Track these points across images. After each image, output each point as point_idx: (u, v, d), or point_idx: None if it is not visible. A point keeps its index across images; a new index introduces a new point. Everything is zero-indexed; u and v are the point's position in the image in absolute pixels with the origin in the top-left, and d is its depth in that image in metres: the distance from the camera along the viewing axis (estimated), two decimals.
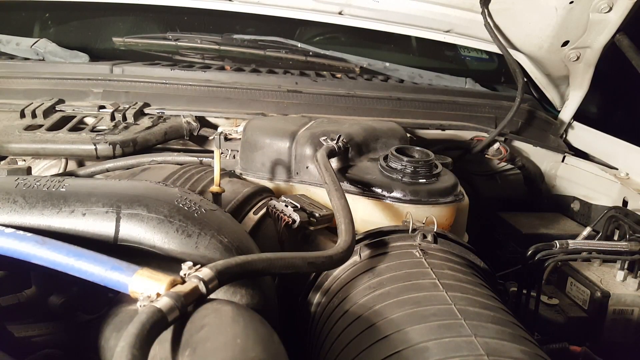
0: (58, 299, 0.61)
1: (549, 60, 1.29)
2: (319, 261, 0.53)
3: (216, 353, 0.36)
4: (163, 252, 0.50)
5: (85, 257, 0.43)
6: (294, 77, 1.31)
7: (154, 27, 1.65)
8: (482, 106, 1.33)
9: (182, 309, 0.39)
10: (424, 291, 0.55)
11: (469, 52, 1.62)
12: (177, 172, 0.85)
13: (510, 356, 0.45)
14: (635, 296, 0.81)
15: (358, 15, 1.35)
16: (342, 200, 0.67)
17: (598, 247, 0.85)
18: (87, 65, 1.32)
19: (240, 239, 0.56)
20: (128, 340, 0.34)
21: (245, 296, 0.51)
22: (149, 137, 1.04)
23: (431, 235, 0.67)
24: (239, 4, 1.34)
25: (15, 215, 0.51)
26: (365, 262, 0.64)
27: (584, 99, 1.32)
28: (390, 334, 0.49)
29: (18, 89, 1.19)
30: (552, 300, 0.85)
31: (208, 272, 0.42)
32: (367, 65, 1.47)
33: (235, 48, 1.49)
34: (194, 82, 1.22)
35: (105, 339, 0.53)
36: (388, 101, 1.28)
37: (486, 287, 0.61)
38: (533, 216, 1.16)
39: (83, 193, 0.53)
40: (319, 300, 0.66)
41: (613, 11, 1.11)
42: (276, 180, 0.89)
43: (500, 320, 0.52)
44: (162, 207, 0.52)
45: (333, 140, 0.85)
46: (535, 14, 1.19)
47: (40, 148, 0.99)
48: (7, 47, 1.39)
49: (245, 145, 0.93)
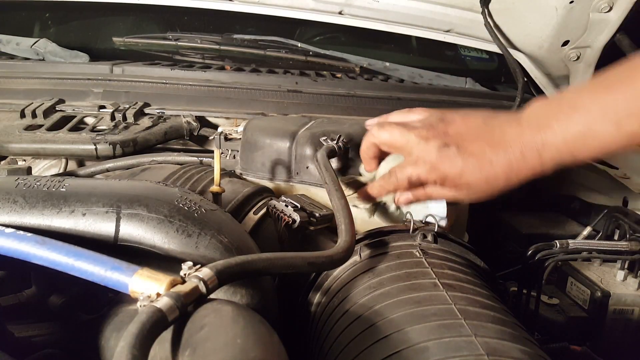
0: (58, 299, 0.61)
1: (549, 60, 1.29)
2: (319, 261, 0.53)
3: (216, 353, 0.36)
4: (163, 252, 0.50)
5: (85, 257, 0.43)
6: (294, 77, 1.31)
7: (154, 27, 1.65)
8: (482, 106, 1.33)
9: (182, 309, 0.39)
10: (424, 291, 0.55)
11: (469, 52, 1.62)
12: (177, 172, 0.85)
13: (511, 356, 0.45)
14: (636, 296, 0.81)
15: (358, 15, 1.35)
16: (342, 200, 0.67)
17: (598, 247, 0.85)
18: (87, 65, 1.32)
19: (240, 239, 0.56)
20: (128, 340, 0.34)
21: (245, 296, 0.52)
22: (149, 137, 1.04)
23: (431, 235, 0.67)
24: (239, 4, 1.34)
25: (15, 215, 0.51)
26: (365, 262, 0.64)
27: None
28: (390, 334, 0.49)
29: (18, 89, 1.19)
30: (552, 300, 0.86)
31: (208, 272, 0.42)
32: (367, 65, 1.47)
33: (235, 48, 1.49)
34: (194, 82, 1.22)
35: (105, 339, 0.53)
36: (388, 101, 1.28)
37: (486, 287, 0.61)
38: (533, 216, 1.16)
39: (83, 193, 0.53)
40: (319, 300, 0.66)
41: (613, 11, 1.11)
42: (276, 180, 0.89)
43: (501, 320, 0.52)
44: (162, 207, 0.52)
45: (333, 140, 0.85)
46: (535, 13, 1.19)
47: (40, 148, 0.99)
48: (7, 47, 1.39)
49: (245, 145, 0.93)
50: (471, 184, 0.66)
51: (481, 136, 0.65)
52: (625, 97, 0.58)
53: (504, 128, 0.65)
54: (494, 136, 0.64)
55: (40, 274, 0.61)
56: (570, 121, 0.61)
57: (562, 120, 0.61)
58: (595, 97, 0.60)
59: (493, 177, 0.64)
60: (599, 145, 0.60)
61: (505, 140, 0.64)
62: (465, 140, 0.65)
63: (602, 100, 0.59)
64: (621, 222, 0.90)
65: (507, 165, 0.63)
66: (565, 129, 0.61)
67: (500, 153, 0.63)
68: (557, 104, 0.64)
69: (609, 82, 0.61)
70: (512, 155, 0.63)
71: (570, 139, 0.61)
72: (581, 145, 0.61)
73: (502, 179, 0.65)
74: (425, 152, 0.66)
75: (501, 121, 0.66)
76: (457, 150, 0.65)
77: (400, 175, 0.69)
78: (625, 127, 0.58)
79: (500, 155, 0.63)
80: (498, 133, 0.64)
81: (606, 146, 0.60)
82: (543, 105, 0.65)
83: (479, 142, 0.65)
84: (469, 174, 0.65)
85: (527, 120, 0.64)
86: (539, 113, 0.64)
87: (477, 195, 0.68)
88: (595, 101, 0.60)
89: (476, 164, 0.64)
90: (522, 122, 0.64)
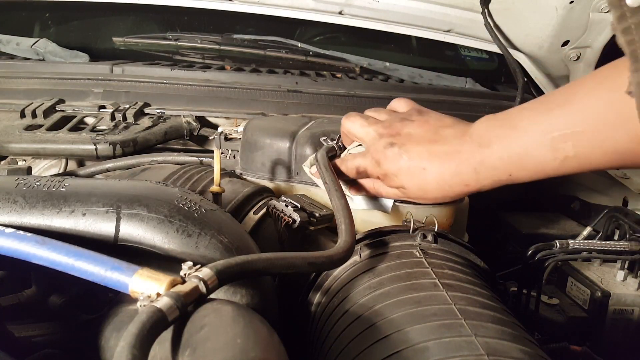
0: (58, 299, 0.61)
1: (549, 60, 1.29)
2: (319, 261, 0.53)
3: (216, 353, 0.36)
4: (163, 252, 0.50)
5: (85, 257, 0.43)
6: (294, 77, 1.31)
7: (154, 27, 1.65)
8: (482, 106, 1.33)
9: (182, 309, 0.39)
10: (424, 291, 0.55)
11: (469, 52, 1.62)
12: (177, 172, 0.85)
13: (511, 356, 0.45)
14: (636, 296, 0.81)
15: (358, 15, 1.35)
16: (342, 200, 0.67)
17: (598, 247, 0.85)
18: (87, 65, 1.32)
19: (240, 239, 0.56)
20: (128, 340, 0.34)
21: (245, 296, 0.51)
22: (149, 137, 1.04)
23: (431, 235, 0.67)
24: (239, 4, 1.34)
25: (15, 215, 0.51)
26: (365, 262, 0.64)
27: None
28: (390, 334, 0.49)
29: (18, 89, 1.19)
30: (552, 300, 0.85)
31: (208, 272, 0.42)
32: (367, 65, 1.47)
33: (235, 48, 1.49)
34: (194, 82, 1.22)
35: (105, 339, 0.53)
36: (388, 101, 1.26)
37: (486, 287, 0.61)
38: (533, 216, 1.16)
39: (83, 193, 0.53)
40: (319, 300, 0.66)
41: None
42: (276, 180, 0.89)
43: (501, 320, 0.52)
44: (162, 207, 0.52)
45: (333, 140, 0.85)
46: (535, 13, 1.19)
47: (40, 148, 0.99)
48: (7, 47, 1.39)
49: (245, 145, 0.93)
50: (405, 187, 0.67)
51: (426, 142, 0.65)
52: (561, 120, 0.56)
53: (449, 139, 0.65)
54: (436, 145, 0.65)
55: (40, 274, 0.61)
56: (509, 141, 0.59)
57: (502, 139, 0.60)
58: (534, 117, 0.59)
59: (424, 185, 0.65)
60: (535, 168, 0.59)
61: (444, 152, 0.64)
62: (411, 142, 0.66)
63: (539, 122, 0.58)
64: (621, 222, 0.90)
65: (439, 176, 0.63)
66: (502, 148, 0.60)
67: (436, 163, 0.63)
68: (500, 122, 0.63)
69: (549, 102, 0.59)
70: (446, 168, 0.63)
71: (507, 159, 0.60)
72: (518, 166, 0.60)
73: (434, 189, 0.65)
74: (375, 148, 0.68)
75: (452, 132, 0.66)
76: (398, 150, 0.66)
77: (350, 163, 0.73)
78: (560, 152, 0.56)
79: (435, 165, 0.63)
80: (441, 143, 0.64)
81: (543, 170, 0.59)
82: (488, 121, 0.64)
83: (420, 148, 0.65)
84: (403, 176, 0.66)
85: (471, 135, 0.64)
86: (482, 129, 0.63)
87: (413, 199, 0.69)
88: (534, 122, 0.58)
89: (410, 169, 0.65)
90: (466, 137, 0.64)
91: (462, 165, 0.62)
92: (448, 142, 0.64)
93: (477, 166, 0.61)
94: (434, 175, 0.64)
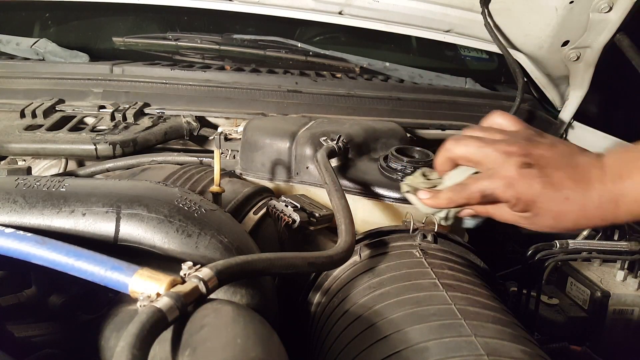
0: (58, 299, 0.61)
1: (549, 60, 1.29)
2: (319, 261, 0.53)
3: (216, 353, 0.36)
4: (163, 252, 0.50)
5: (85, 257, 0.43)
6: (294, 77, 1.31)
7: (154, 27, 1.65)
8: (482, 106, 1.33)
9: (182, 309, 0.39)
10: (424, 291, 0.55)
11: (469, 52, 1.62)
12: (177, 172, 0.85)
13: (511, 356, 0.45)
14: (636, 296, 0.81)
15: (358, 15, 1.35)
16: (342, 200, 0.67)
17: (598, 247, 0.85)
18: (87, 65, 1.32)
19: (240, 239, 0.56)
20: (128, 340, 0.34)
21: (245, 296, 0.52)
22: (149, 137, 1.04)
23: (431, 235, 0.67)
24: (239, 4, 1.34)
25: (15, 215, 0.51)
26: (365, 262, 0.64)
27: (584, 99, 1.32)
28: (390, 334, 0.49)
29: (18, 89, 1.19)
30: (552, 300, 0.86)
31: (208, 272, 0.42)
32: (367, 65, 1.47)
33: (235, 48, 1.49)
34: (194, 82, 1.22)
35: (105, 339, 0.53)
36: (388, 101, 1.28)
37: (486, 287, 0.61)
38: None
39: (83, 193, 0.53)
40: (319, 300, 0.66)
41: (613, 11, 1.11)
42: (276, 180, 0.89)
43: (501, 320, 0.52)
44: (162, 207, 0.52)
45: (333, 140, 0.85)
46: (535, 13, 1.19)
47: (40, 148, 0.99)
48: (7, 47, 1.39)
49: (245, 145, 0.93)
50: (540, 214, 0.60)
51: (565, 168, 0.59)
52: None
53: (588, 167, 0.59)
54: (577, 172, 0.59)
55: (40, 274, 0.61)
56: None
57: None
58: None
59: (563, 214, 0.59)
60: None
61: (587, 180, 0.58)
62: (549, 166, 0.59)
63: None
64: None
65: (581, 206, 0.58)
66: None
67: (579, 192, 0.58)
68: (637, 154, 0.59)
69: None
70: (589, 199, 0.58)
71: None
72: None
73: (572, 220, 0.59)
74: (504, 168, 0.60)
75: (586, 159, 0.60)
76: (538, 172, 0.59)
77: (475, 188, 0.62)
78: None
79: (579, 194, 0.58)
80: (581, 171, 0.59)
81: None
82: (625, 152, 0.60)
83: (561, 173, 0.59)
84: (543, 202, 0.59)
85: (609, 165, 0.58)
86: (618, 159, 0.59)
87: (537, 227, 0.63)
88: None
89: (553, 195, 0.58)
90: (605, 167, 0.58)
91: (604, 196, 0.57)
92: (588, 170, 0.59)
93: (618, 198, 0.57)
94: (577, 205, 0.58)
